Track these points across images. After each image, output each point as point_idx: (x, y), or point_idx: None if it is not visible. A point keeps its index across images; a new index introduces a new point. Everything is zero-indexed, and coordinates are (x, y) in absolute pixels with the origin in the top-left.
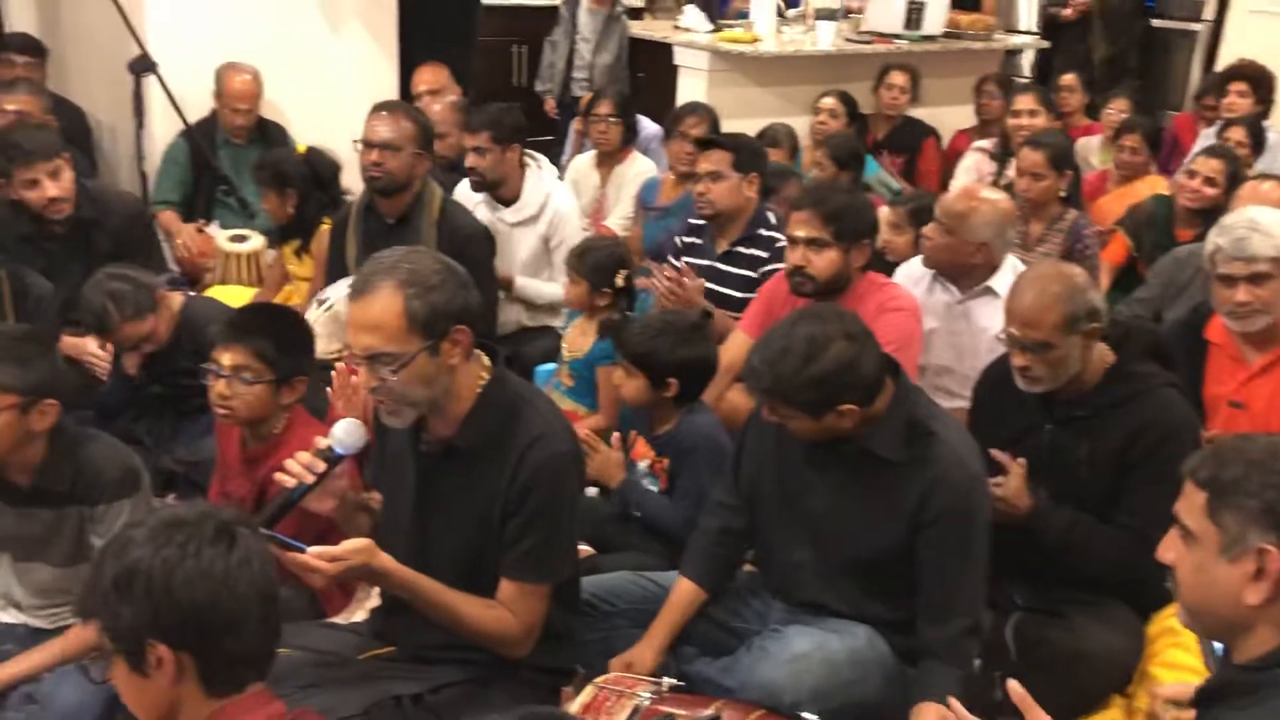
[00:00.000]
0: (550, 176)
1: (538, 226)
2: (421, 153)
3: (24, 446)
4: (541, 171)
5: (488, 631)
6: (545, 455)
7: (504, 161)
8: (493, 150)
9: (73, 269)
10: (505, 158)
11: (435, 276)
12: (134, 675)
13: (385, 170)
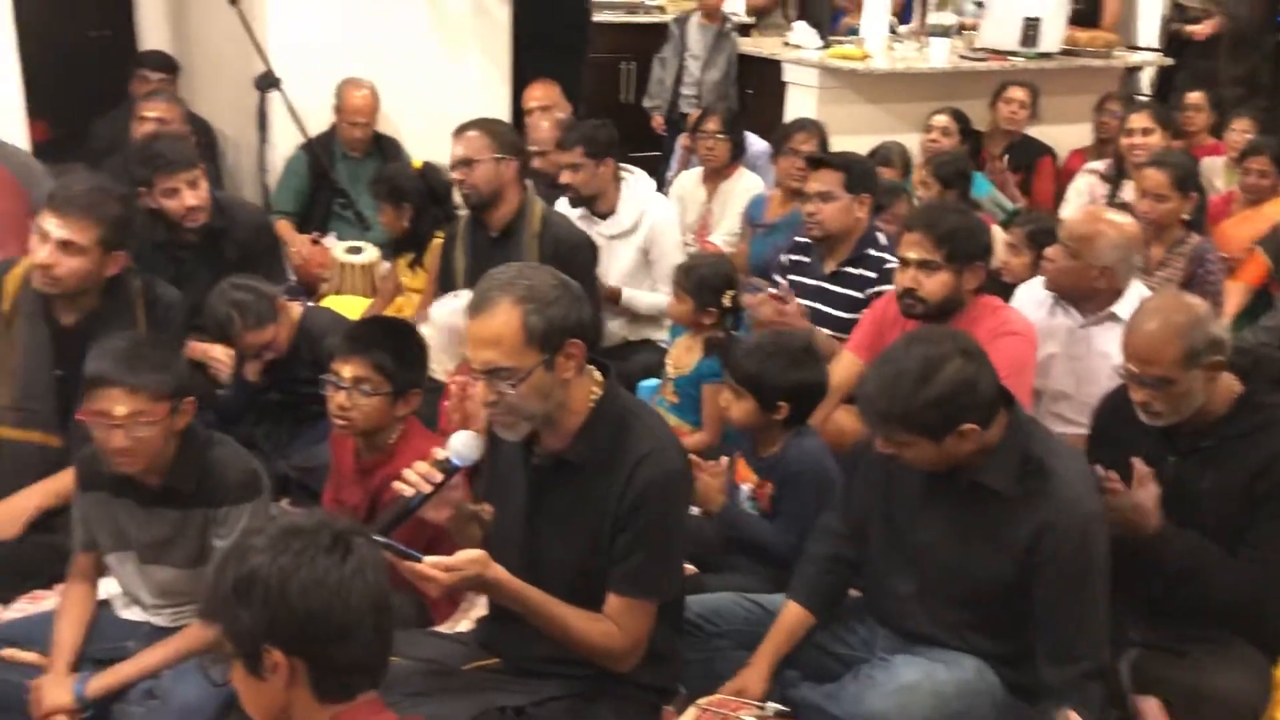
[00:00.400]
0: (646, 189)
1: (635, 239)
2: (503, 157)
3: (166, 448)
4: (637, 184)
5: (594, 645)
6: (656, 472)
7: (598, 176)
8: (586, 165)
9: (201, 276)
10: (599, 172)
11: (552, 292)
12: (251, 678)
13: (470, 185)
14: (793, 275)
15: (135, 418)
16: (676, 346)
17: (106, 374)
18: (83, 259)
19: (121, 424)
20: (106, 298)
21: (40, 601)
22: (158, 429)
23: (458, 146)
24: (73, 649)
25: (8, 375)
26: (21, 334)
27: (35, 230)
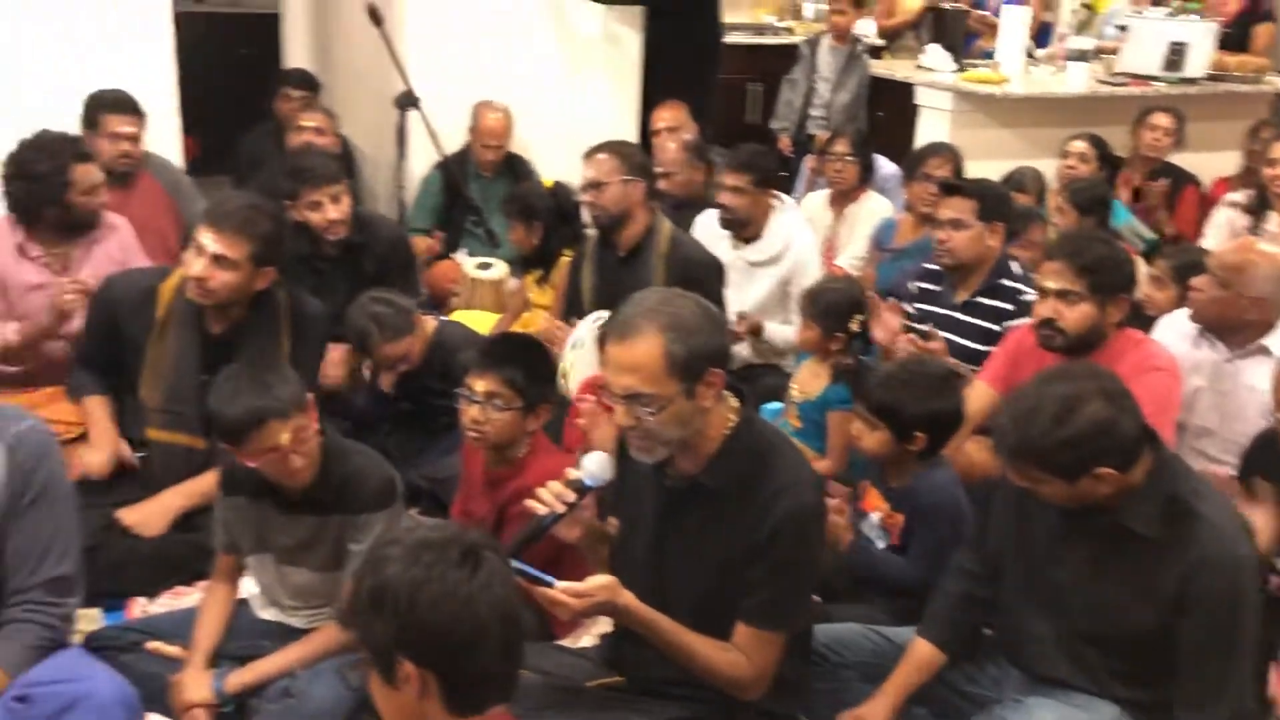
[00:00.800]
0: (795, 219)
1: (778, 268)
2: (631, 179)
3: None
4: (786, 214)
5: (721, 674)
6: (792, 505)
7: (758, 204)
8: (751, 192)
9: (339, 288)
10: (760, 200)
11: (695, 320)
12: (385, 685)
13: (599, 207)
14: (922, 303)
15: (298, 436)
16: (803, 371)
17: (260, 410)
18: (235, 273)
19: (290, 449)
20: (254, 309)
21: (183, 597)
22: (316, 439)
23: (588, 169)
24: (211, 646)
25: (159, 380)
26: (173, 341)
27: (191, 244)
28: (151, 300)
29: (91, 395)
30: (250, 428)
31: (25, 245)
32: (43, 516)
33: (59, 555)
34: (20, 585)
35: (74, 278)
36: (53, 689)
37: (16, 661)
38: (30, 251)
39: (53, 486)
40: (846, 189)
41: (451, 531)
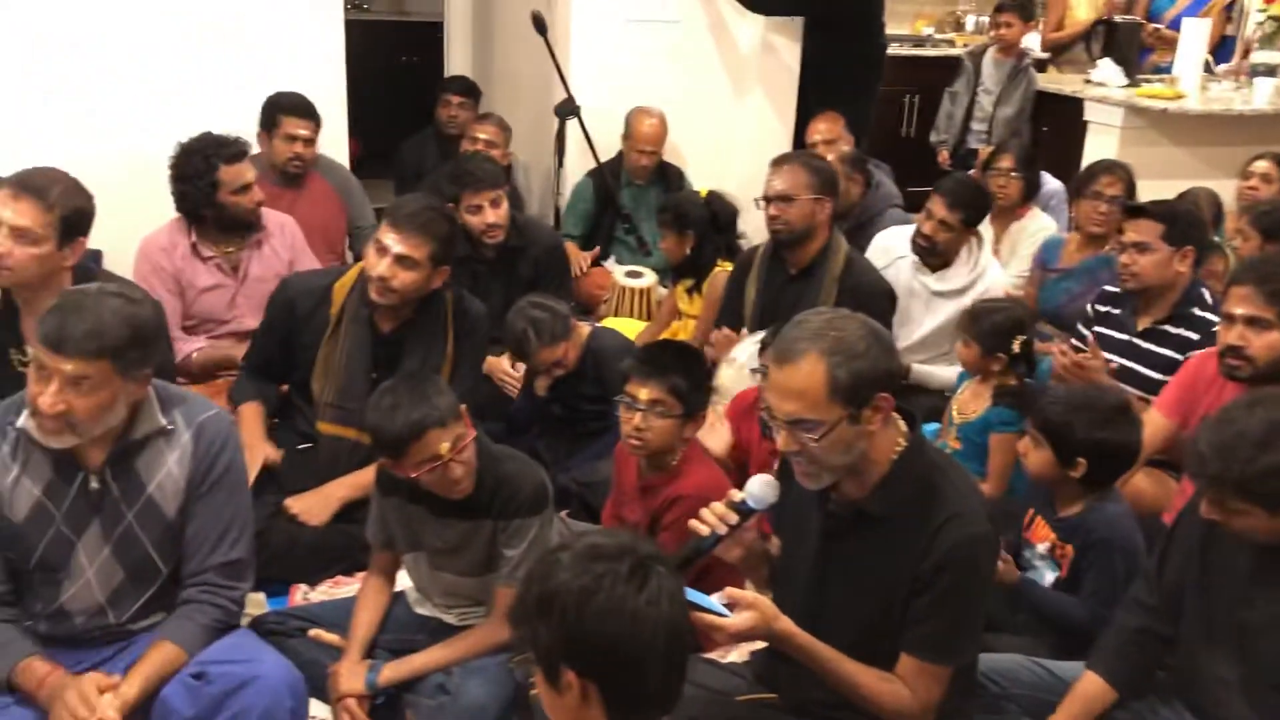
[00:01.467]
0: (988, 253)
1: (962, 300)
2: (821, 198)
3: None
4: (981, 249)
5: (883, 705)
6: (962, 535)
7: (961, 241)
8: (958, 230)
9: (495, 291)
10: (964, 237)
11: (861, 343)
12: (550, 689)
13: (784, 221)
14: (1100, 327)
15: (457, 442)
16: (964, 392)
17: (419, 421)
18: (416, 273)
19: (450, 458)
20: (422, 308)
21: (342, 587)
22: (473, 447)
23: (776, 179)
24: (367, 638)
25: (331, 376)
26: (345, 339)
27: (373, 243)
28: (326, 299)
29: (249, 402)
30: (410, 439)
31: (198, 246)
32: (221, 501)
33: (234, 540)
34: (197, 567)
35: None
36: (228, 669)
37: (193, 640)
38: (203, 252)
39: (232, 473)
40: (1009, 205)
41: (623, 541)
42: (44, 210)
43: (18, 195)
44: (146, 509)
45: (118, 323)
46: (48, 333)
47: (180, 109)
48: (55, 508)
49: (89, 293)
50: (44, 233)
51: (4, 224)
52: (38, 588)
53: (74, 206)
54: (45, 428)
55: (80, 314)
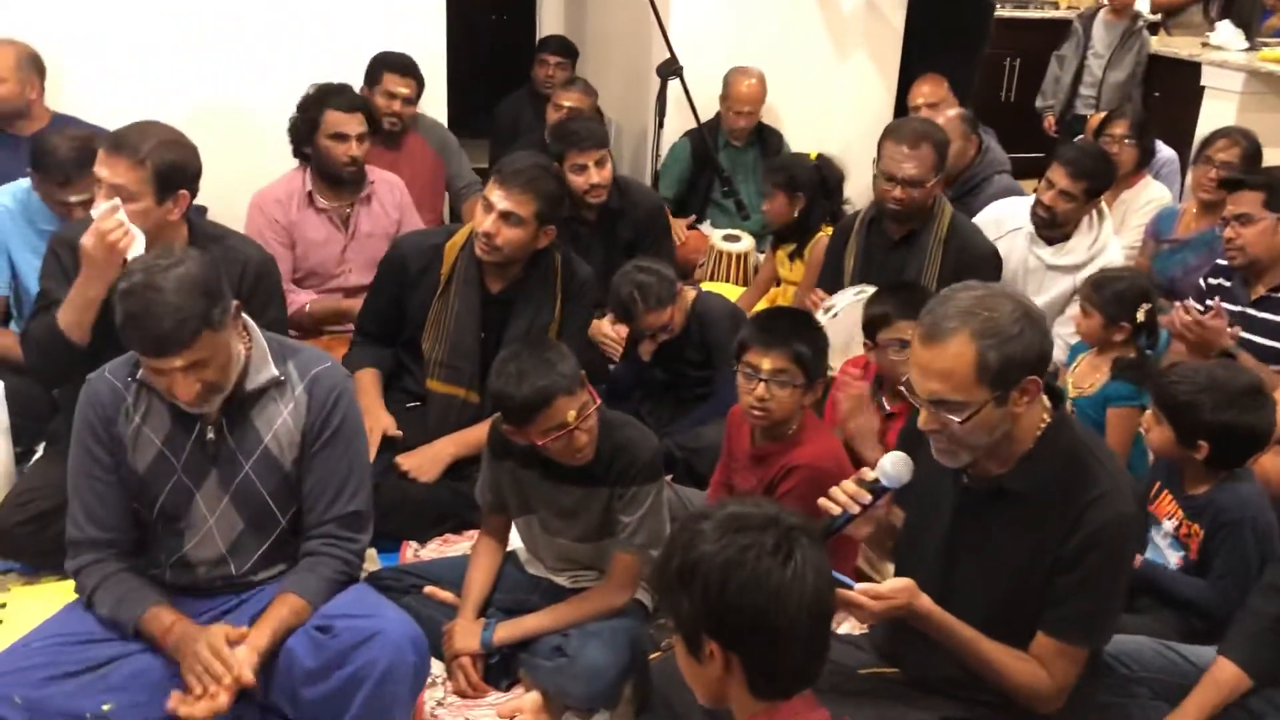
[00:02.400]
0: (1108, 230)
1: (1075, 276)
2: (940, 177)
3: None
4: (1102, 223)
5: (1019, 685)
6: (1110, 515)
7: (1081, 212)
8: (1079, 200)
9: (596, 253)
10: (1085, 208)
11: (1014, 326)
12: (690, 658)
13: (909, 203)
14: (1211, 301)
15: (583, 410)
16: (1081, 365)
17: (548, 388)
18: (521, 230)
19: (576, 425)
20: (530, 269)
21: (451, 545)
22: (597, 414)
23: (909, 164)
24: (480, 598)
25: (441, 335)
26: (455, 298)
27: (480, 201)
28: (437, 258)
29: (365, 369)
30: (540, 406)
31: (314, 195)
32: (338, 453)
33: (353, 491)
34: (317, 519)
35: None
36: (352, 623)
37: (317, 593)
38: (318, 202)
39: (348, 424)
40: (1122, 174)
41: (768, 512)
42: (135, 165)
43: (110, 153)
44: (263, 459)
45: (190, 297)
46: (144, 347)
47: (285, 65)
48: (175, 458)
49: (146, 286)
50: (138, 189)
51: (104, 183)
52: (161, 538)
53: (168, 160)
54: (194, 405)
55: (152, 312)
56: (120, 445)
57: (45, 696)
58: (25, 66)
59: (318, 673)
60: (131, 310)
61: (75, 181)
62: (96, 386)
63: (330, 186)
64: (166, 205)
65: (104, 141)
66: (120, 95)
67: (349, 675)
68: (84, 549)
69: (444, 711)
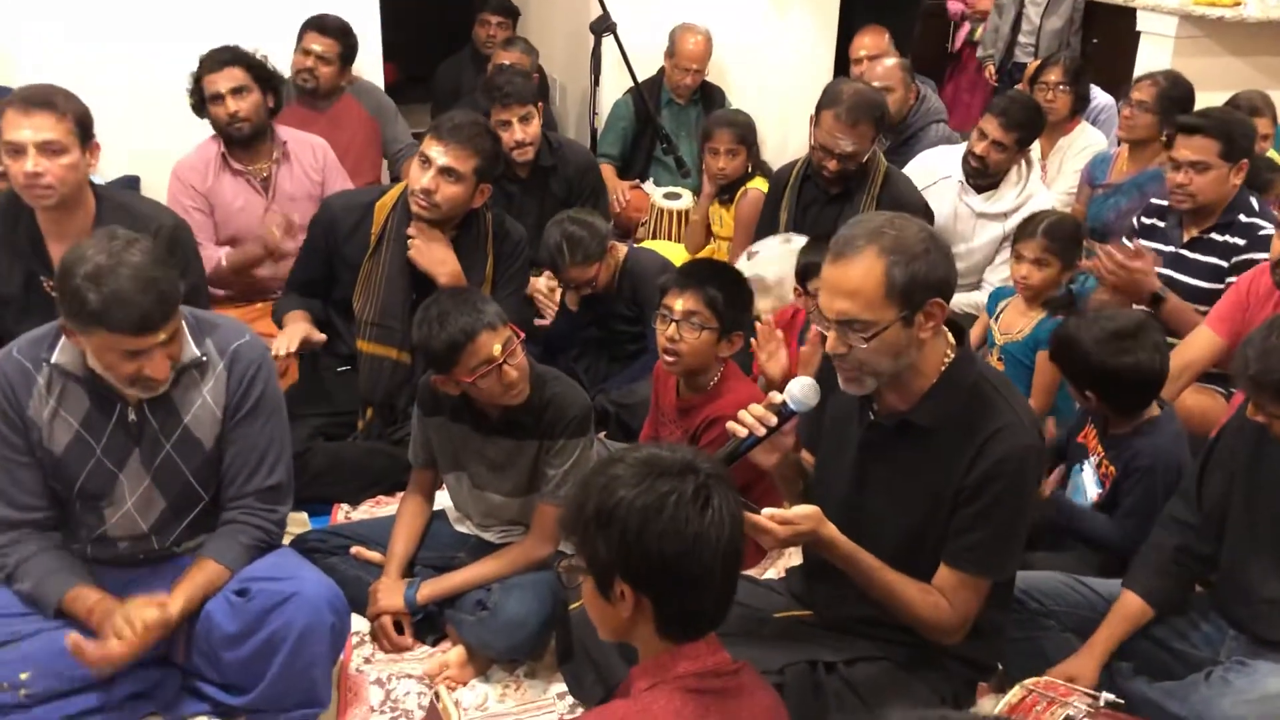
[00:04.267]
0: (1036, 178)
1: (1004, 224)
2: (877, 141)
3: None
4: (1030, 171)
5: (921, 617)
6: (1011, 446)
7: (1013, 160)
8: (1011, 150)
9: (529, 211)
10: (1015, 158)
11: (920, 245)
12: (599, 598)
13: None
14: (1145, 240)
15: (508, 344)
16: (1008, 311)
17: (470, 324)
18: (460, 187)
19: (503, 359)
20: (462, 229)
21: (383, 506)
22: (524, 352)
23: (845, 141)
24: (406, 556)
25: (373, 294)
26: (386, 258)
27: (416, 158)
28: (367, 218)
29: (293, 311)
30: (463, 344)
31: (228, 157)
32: (258, 428)
33: (272, 464)
34: (237, 492)
35: (284, 215)
36: (269, 585)
37: (236, 558)
38: (233, 164)
39: (268, 398)
40: (1057, 120)
41: (685, 458)
42: (59, 119)
43: (29, 111)
44: (184, 439)
45: (161, 270)
46: (128, 326)
47: (217, 31)
48: (94, 440)
49: (118, 264)
50: (67, 140)
51: (28, 144)
52: (81, 515)
53: (79, 110)
54: (157, 387)
55: (133, 289)
56: (33, 426)
57: None
58: None
59: (237, 636)
60: (111, 289)
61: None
62: (4, 368)
63: (241, 149)
64: (86, 157)
65: (8, 104)
66: (48, 62)
67: (266, 637)
68: (1, 529)
69: (370, 668)
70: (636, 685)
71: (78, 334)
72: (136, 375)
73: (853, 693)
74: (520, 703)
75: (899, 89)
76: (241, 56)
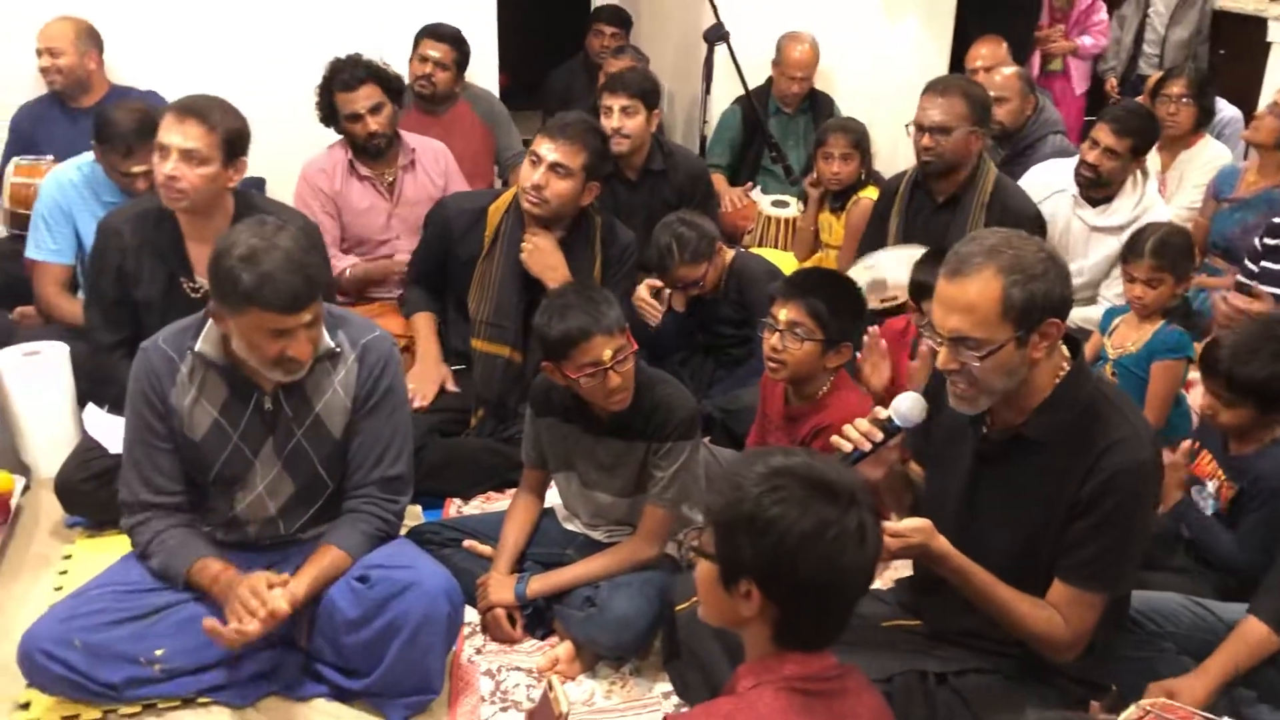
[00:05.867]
0: (1153, 191)
1: (1119, 236)
2: (976, 130)
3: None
4: (1146, 183)
5: (1036, 632)
6: (1127, 460)
7: (1127, 170)
8: (1124, 158)
9: (637, 214)
10: (1130, 167)
11: (1039, 265)
12: (719, 586)
13: (937, 153)
14: (1267, 261)
15: (619, 352)
16: (1120, 326)
17: (587, 324)
18: (569, 182)
19: (611, 365)
20: (572, 231)
21: (493, 502)
22: (633, 361)
23: (933, 109)
24: (516, 551)
25: (485, 295)
26: (499, 259)
27: (527, 157)
28: (481, 220)
29: (420, 312)
30: (577, 340)
31: (355, 163)
32: (383, 420)
33: (394, 456)
34: (360, 481)
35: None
36: (390, 573)
37: (357, 546)
38: (360, 170)
39: (393, 393)
40: (1179, 134)
41: (848, 485)
42: (208, 131)
43: (182, 119)
44: (315, 427)
45: (308, 254)
46: (283, 301)
47: (336, 38)
48: (232, 427)
49: (270, 247)
50: (210, 153)
51: (173, 148)
52: (214, 499)
53: (234, 127)
54: (300, 368)
55: (284, 269)
56: (174, 414)
57: (102, 641)
58: (83, 39)
59: (357, 622)
60: (264, 269)
61: (137, 152)
62: (150, 357)
63: (370, 156)
64: (229, 171)
65: (170, 109)
66: (171, 67)
67: (385, 624)
68: (136, 510)
69: (481, 659)
70: (742, 684)
71: (228, 316)
72: (281, 356)
73: (963, 704)
74: (626, 700)
75: (1015, 99)
76: (375, 72)
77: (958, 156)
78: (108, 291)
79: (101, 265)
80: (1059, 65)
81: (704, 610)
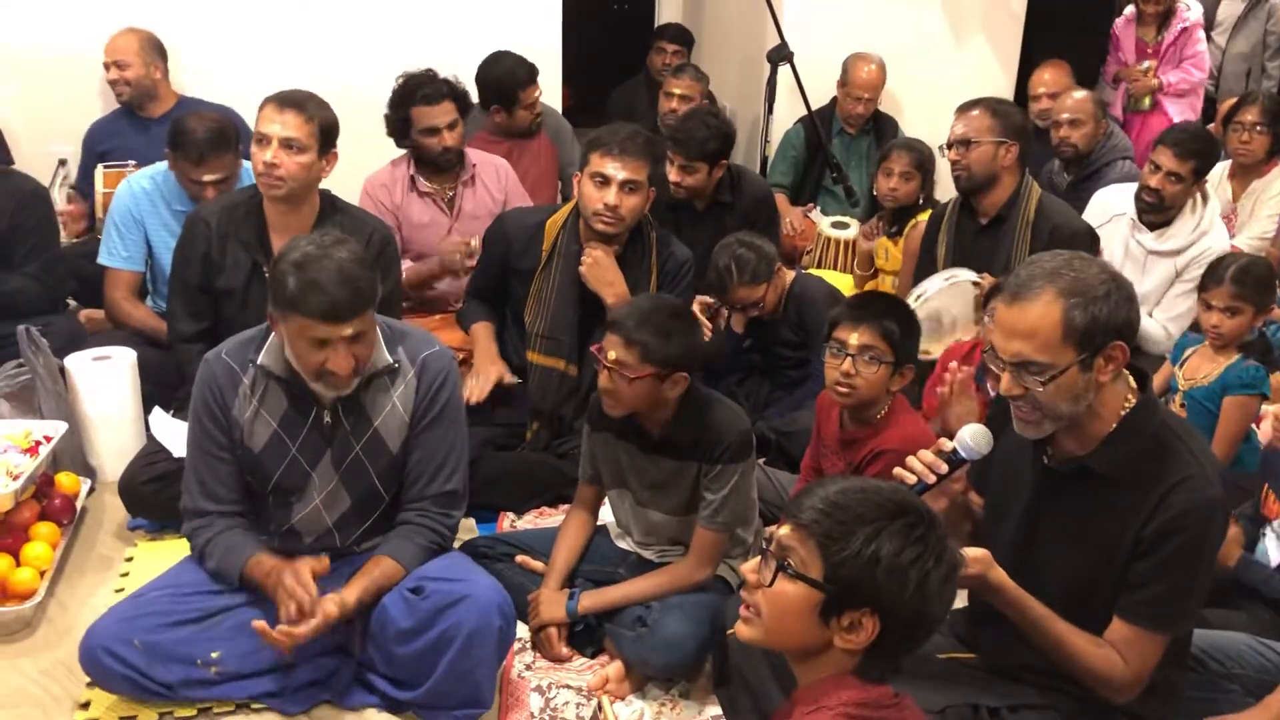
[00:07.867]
0: (1212, 215)
1: (1175, 260)
2: (1005, 142)
3: (657, 407)
4: (1205, 207)
5: (1094, 671)
6: (1194, 498)
7: (1188, 193)
8: (1187, 181)
9: (700, 239)
10: (1191, 190)
11: (1101, 287)
12: (813, 613)
13: (964, 166)
14: None
15: (620, 366)
16: (1193, 358)
17: (618, 320)
18: (640, 196)
19: (611, 367)
20: (629, 244)
21: (546, 517)
22: (640, 386)
23: (958, 124)
24: (568, 568)
25: (544, 308)
26: (556, 274)
27: (588, 178)
28: (539, 235)
29: (480, 322)
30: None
31: (416, 179)
32: (441, 434)
33: (450, 471)
34: (416, 495)
35: (463, 238)
36: (443, 585)
37: (411, 558)
38: (420, 186)
39: (451, 408)
40: (1252, 162)
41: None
42: (306, 120)
43: (282, 109)
44: (373, 442)
45: (361, 269)
46: (323, 310)
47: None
48: (291, 440)
49: (323, 256)
50: (308, 142)
51: (273, 137)
52: (272, 510)
53: (328, 118)
54: (340, 384)
55: (331, 279)
56: (235, 425)
57: (160, 642)
58: (148, 50)
59: (409, 632)
60: (311, 277)
61: (209, 161)
62: (213, 368)
63: (432, 172)
64: (322, 162)
65: (270, 100)
66: (236, 81)
67: (437, 635)
68: (196, 517)
69: (531, 675)
70: (799, 709)
71: (279, 320)
72: (321, 368)
73: None
74: None
75: (1089, 122)
76: (452, 89)
77: (984, 169)
78: (192, 279)
79: (188, 253)
80: (1147, 104)
81: (768, 632)
